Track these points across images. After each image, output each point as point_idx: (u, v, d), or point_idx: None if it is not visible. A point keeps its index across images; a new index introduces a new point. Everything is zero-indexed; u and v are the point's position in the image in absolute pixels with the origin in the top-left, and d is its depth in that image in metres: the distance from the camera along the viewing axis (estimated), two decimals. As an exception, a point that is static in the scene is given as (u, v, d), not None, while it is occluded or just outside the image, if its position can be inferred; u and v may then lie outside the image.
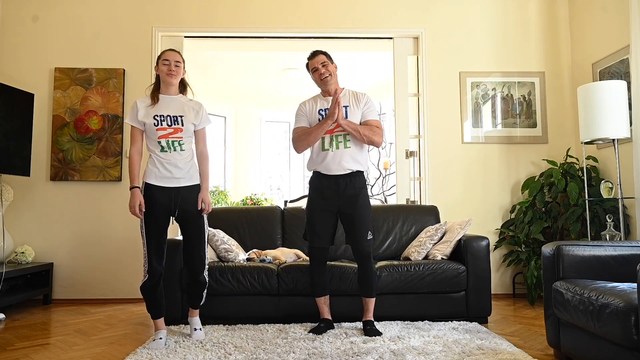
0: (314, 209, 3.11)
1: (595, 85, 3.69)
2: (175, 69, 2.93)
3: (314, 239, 3.09)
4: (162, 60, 2.95)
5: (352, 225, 3.04)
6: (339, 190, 3.04)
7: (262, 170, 8.86)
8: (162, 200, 2.86)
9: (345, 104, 3.09)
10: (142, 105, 2.92)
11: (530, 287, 4.09)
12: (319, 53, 3.15)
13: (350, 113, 3.09)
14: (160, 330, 2.90)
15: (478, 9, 4.74)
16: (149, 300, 2.90)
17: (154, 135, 2.88)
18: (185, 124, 2.92)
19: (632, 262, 2.46)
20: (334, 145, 3.05)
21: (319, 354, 2.59)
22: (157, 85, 3.00)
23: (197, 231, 2.94)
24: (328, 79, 3.08)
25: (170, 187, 2.87)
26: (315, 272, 3.13)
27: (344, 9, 4.68)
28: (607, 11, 4.18)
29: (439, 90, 4.66)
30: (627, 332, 1.92)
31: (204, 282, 2.99)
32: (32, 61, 4.52)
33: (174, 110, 2.93)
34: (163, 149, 2.87)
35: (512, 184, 4.63)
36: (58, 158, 4.43)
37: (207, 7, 4.63)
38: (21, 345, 2.93)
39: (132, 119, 2.93)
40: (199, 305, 3.05)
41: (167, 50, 3.00)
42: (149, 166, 2.90)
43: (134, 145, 2.92)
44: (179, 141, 2.90)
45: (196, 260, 2.95)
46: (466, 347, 2.72)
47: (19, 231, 4.38)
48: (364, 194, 3.10)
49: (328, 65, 3.10)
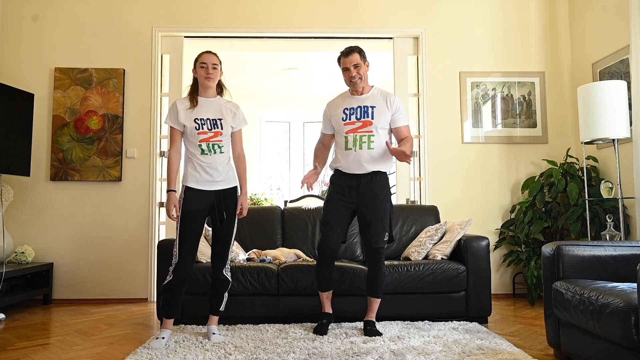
0: (331, 203, 3.08)
1: (595, 85, 3.69)
2: (213, 72, 2.93)
3: (327, 231, 3.04)
4: (199, 64, 2.94)
5: (368, 225, 3.02)
6: (359, 188, 3.02)
7: (262, 170, 8.86)
8: (202, 204, 2.88)
9: (372, 104, 3.05)
10: (181, 107, 2.93)
11: (530, 287, 4.09)
12: (353, 51, 3.04)
13: (378, 113, 3.04)
14: (166, 329, 2.90)
15: (478, 9, 4.74)
16: (168, 300, 2.89)
17: (194, 139, 2.89)
18: (224, 127, 2.93)
19: (632, 262, 2.46)
20: (358, 145, 3.02)
21: (319, 354, 2.59)
22: (195, 87, 3.00)
23: (229, 233, 2.95)
24: (358, 82, 3.05)
25: (211, 191, 2.90)
26: (322, 268, 3.08)
27: (344, 9, 4.68)
28: (607, 11, 4.18)
29: (439, 90, 4.66)
30: (627, 332, 1.92)
31: (225, 280, 2.97)
32: (32, 61, 4.52)
33: (214, 113, 2.94)
34: (203, 152, 2.88)
35: (512, 184, 4.63)
36: (58, 158, 4.43)
37: (207, 7, 4.63)
38: (21, 345, 2.93)
39: (172, 121, 2.94)
40: (218, 309, 3.00)
41: (204, 52, 2.99)
42: (188, 170, 2.91)
43: (174, 145, 2.95)
44: (219, 144, 2.91)
45: (222, 257, 2.95)
46: (466, 347, 2.72)
47: (19, 231, 4.38)
48: (385, 195, 3.06)
49: (360, 68, 3.03)
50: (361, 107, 3.06)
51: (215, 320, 3.01)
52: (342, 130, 3.07)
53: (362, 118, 3.04)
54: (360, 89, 3.09)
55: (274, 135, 9.07)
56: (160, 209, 4.55)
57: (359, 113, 3.05)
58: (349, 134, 3.03)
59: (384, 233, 3.01)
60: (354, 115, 3.06)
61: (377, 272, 3.05)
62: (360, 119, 3.04)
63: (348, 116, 3.06)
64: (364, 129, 3.01)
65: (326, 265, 3.09)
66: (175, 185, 2.93)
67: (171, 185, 2.89)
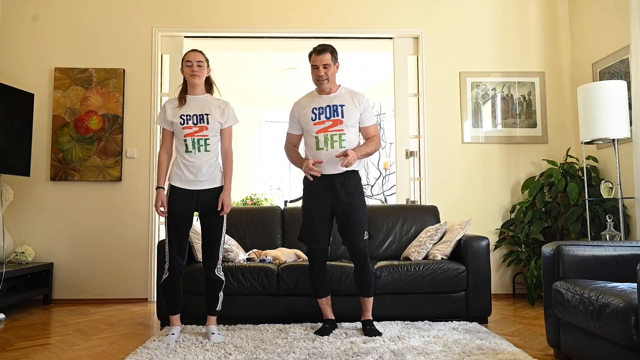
0: (309, 210, 3.07)
1: (595, 85, 3.69)
2: (198, 69, 2.96)
3: (312, 242, 3.06)
4: (185, 62, 2.99)
5: (347, 226, 3.02)
6: (334, 190, 3.01)
7: (262, 170, 8.86)
8: (184, 202, 2.92)
9: (341, 103, 3.04)
10: (169, 107, 3.00)
11: (530, 287, 4.09)
12: (326, 51, 3.03)
13: (347, 111, 3.03)
14: (175, 326, 2.96)
15: (478, 9, 4.74)
16: (168, 297, 2.96)
17: (180, 134, 2.95)
18: (210, 122, 2.95)
19: (632, 262, 2.46)
20: (329, 145, 3.00)
21: (319, 354, 2.59)
22: (184, 87, 3.04)
23: (216, 231, 2.97)
24: (324, 82, 3.04)
25: (193, 190, 2.93)
26: (315, 273, 3.11)
27: (344, 9, 4.68)
28: (607, 11, 4.18)
29: (439, 90, 4.66)
30: (627, 332, 1.92)
31: (218, 280, 2.98)
32: (32, 61, 4.52)
33: (200, 109, 2.97)
34: (188, 149, 2.92)
35: (512, 184, 4.63)
36: (58, 158, 4.43)
37: (207, 7, 4.63)
38: (21, 345, 2.93)
39: (161, 121, 3.02)
40: (215, 309, 3.01)
41: (189, 51, 3.03)
42: (173, 168, 2.97)
43: (163, 145, 3.04)
44: (205, 140, 2.93)
45: (212, 256, 2.97)
46: (466, 347, 2.72)
47: (19, 231, 4.38)
48: (359, 194, 3.06)
49: (329, 68, 3.01)
50: (330, 107, 3.04)
51: (213, 320, 3.02)
52: (312, 130, 3.04)
53: (332, 117, 3.02)
54: (327, 89, 3.07)
55: (274, 135, 9.05)
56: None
57: (328, 112, 3.03)
58: (320, 134, 3.01)
59: (363, 232, 3.02)
60: (323, 114, 3.03)
61: (364, 271, 3.06)
62: (330, 117, 3.02)
63: (317, 116, 3.04)
64: (334, 127, 3.00)
65: (318, 272, 3.11)
66: (165, 183, 2.98)
67: (159, 183, 2.97)
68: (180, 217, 2.92)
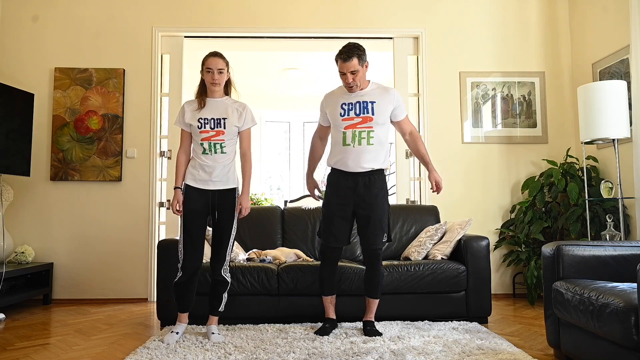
0: (330, 208, 3.03)
1: (595, 85, 3.69)
2: (219, 77, 2.95)
3: (330, 239, 3.02)
4: (205, 68, 2.96)
5: (367, 226, 2.98)
6: (357, 188, 2.97)
7: (262, 170, 8.86)
8: (199, 202, 2.94)
9: (372, 100, 2.96)
10: (188, 109, 3.01)
11: (530, 287, 4.09)
12: (352, 57, 2.86)
13: (378, 108, 2.96)
14: (181, 324, 2.97)
15: (478, 9, 4.74)
16: (180, 296, 2.96)
17: (197, 137, 2.96)
18: (227, 126, 2.95)
19: (632, 262, 2.46)
20: (357, 141, 2.94)
21: (319, 354, 2.59)
22: (202, 87, 3.03)
23: (226, 234, 2.97)
24: (354, 88, 2.95)
25: (207, 190, 2.95)
26: (325, 270, 3.08)
27: (344, 9, 4.68)
28: (607, 11, 4.18)
29: (439, 90, 4.66)
30: (627, 332, 1.92)
31: (224, 281, 2.98)
32: (32, 61, 4.52)
33: (219, 113, 2.97)
34: (205, 151, 2.94)
35: (512, 184, 4.63)
36: (58, 158, 4.43)
37: (207, 7, 4.63)
38: (21, 345, 2.93)
39: (179, 122, 3.04)
40: (218, 309, 3.01)
41: (210, 56, 2.98)
42: (189, 168, 2.99)
43: (181, 146, 3.05)
44: (221, 143, 2.95)
45: (218, 256, 2.97)
46: (466, 347, 2.72)
47: (19, 231, 4.38)
48: (383, 195, 3.01)
49: (357, 74, 2.89)
50: (360, 103, 2.97)
51: (215, 320, 3.02)
52: (340, 125, 2.99)
53: (362, 114, 2.96)
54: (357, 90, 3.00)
55: (274, 135, 9.06)
56: (160, 209, 4.55)
57: (357, 109, 2.97)
58: (348, 130, 2.96)
59: (382, 234, 2.99)
60: (353, 110, 2.97)
61: (375, 273, 3.04)
62: (359, 114, 2.96)
63: (346, 112, 2.98)
64: (363, 124, 2.94)
65: (329, 268, 3.08)
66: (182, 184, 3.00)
67: (177, 183, 3.00)
68: (196, 215, 2.93)
